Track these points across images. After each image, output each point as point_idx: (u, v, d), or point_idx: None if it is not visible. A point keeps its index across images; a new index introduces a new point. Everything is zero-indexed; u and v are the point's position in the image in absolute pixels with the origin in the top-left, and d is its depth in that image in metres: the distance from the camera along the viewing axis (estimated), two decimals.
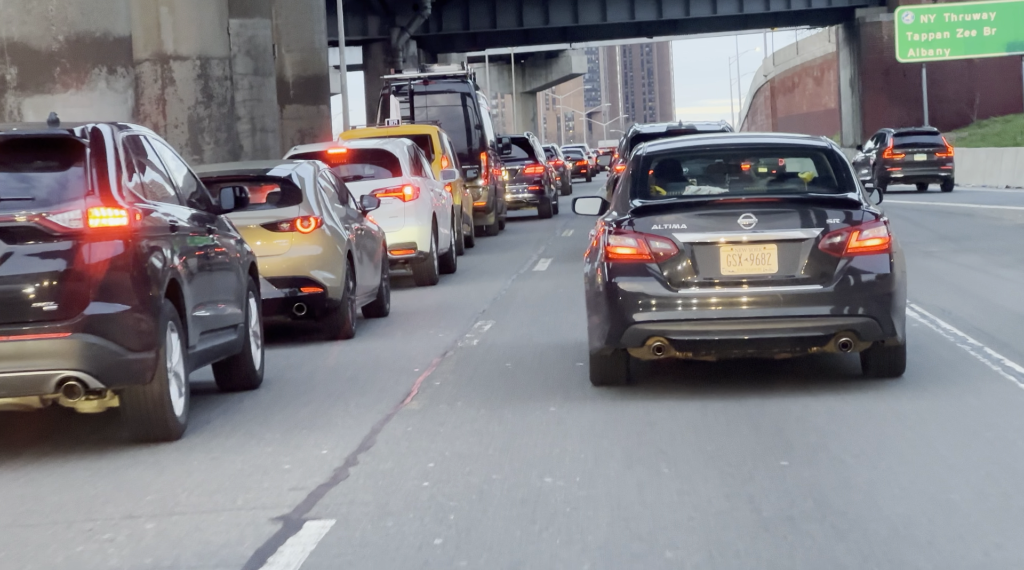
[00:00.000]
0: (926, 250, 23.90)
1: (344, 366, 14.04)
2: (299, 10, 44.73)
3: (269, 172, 17.96)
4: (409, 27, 67.07)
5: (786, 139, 15.24)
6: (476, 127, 37.22)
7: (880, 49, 75.59)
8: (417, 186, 23.16)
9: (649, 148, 12.70)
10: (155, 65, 32.56)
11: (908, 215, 34.59)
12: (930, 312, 15.51)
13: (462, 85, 38.00)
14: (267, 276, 15.19)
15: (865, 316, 10.96)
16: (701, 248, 11.08)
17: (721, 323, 11.13)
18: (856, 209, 11.32)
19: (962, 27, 73.29)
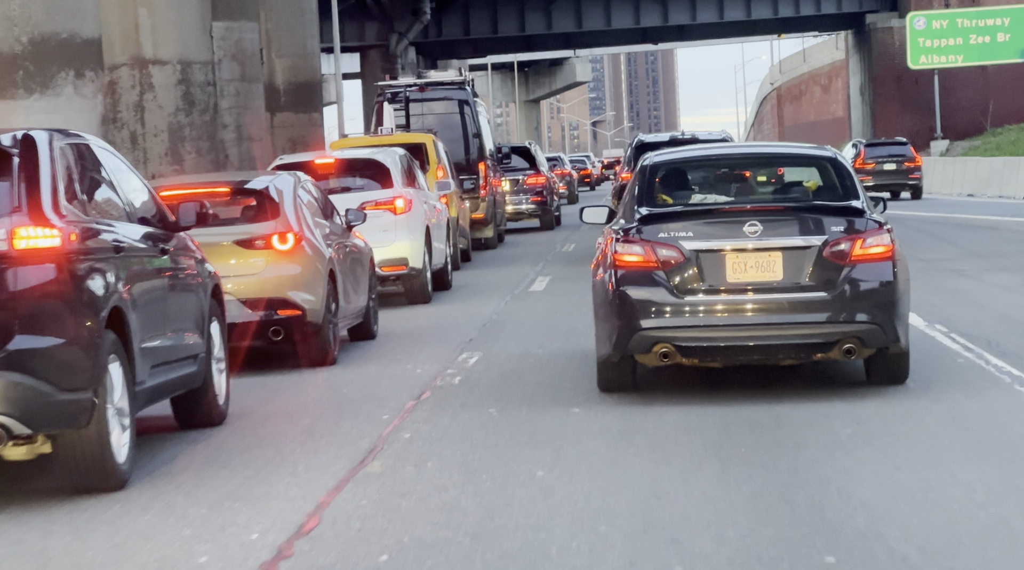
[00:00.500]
0: (955, 268, 22.07)
1: (310, 406, 12.35)
2: (290, 14, 42.93)
3: (245, 184, 16.29)
4: (408, 33, 65.27)
5: (791, 149, 15.21)
6: (474, 136, 35.63)
7: (891, 55, 73.73)
8: (409, 198, 21.65)
9: (655, 157, 12.62)
10: (133, 70, 30.79)
11: (929, 229, 32.78)
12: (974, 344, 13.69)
13: (459, 92, 36.38)
14: (241, 297, 14.07)
15: (869, 323, 10.97)
16: (707, 256, 11.11)
17: (727, 330, 11.11)
18: (860, 217, 11.34)
19: (975, 33, 71.66)
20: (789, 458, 9.10)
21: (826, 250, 11.02)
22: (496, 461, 9.36)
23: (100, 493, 8.83)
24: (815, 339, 11.03)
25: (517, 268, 27.36)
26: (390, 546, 7.28)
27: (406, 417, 11.22)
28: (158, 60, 30.83)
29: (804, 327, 11.00)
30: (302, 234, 14.70)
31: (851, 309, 10.97)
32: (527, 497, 8.28)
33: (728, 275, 11.08)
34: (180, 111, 31.36)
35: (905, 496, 7.98)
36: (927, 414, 10.44)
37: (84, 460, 8.69)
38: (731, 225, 11.23)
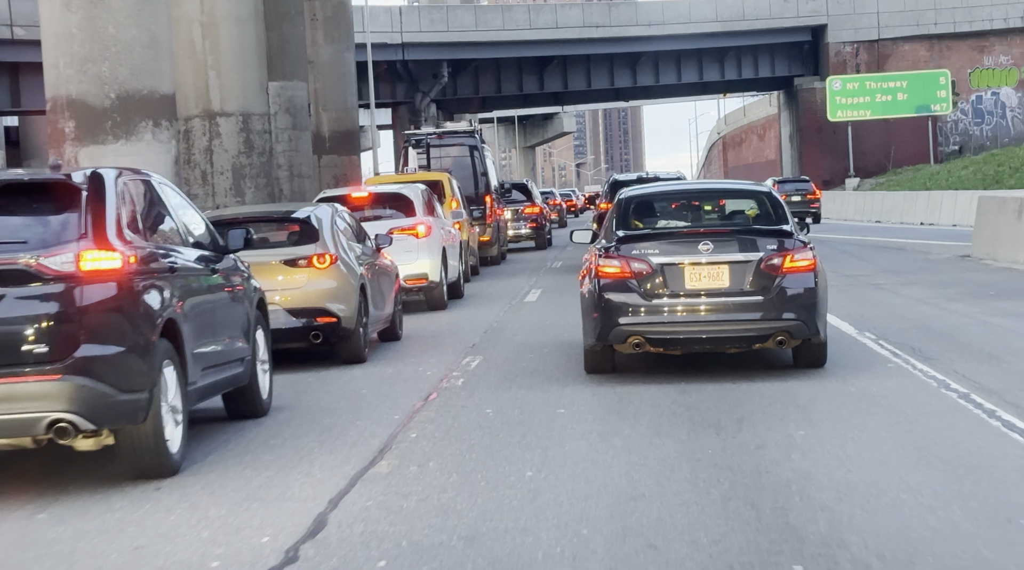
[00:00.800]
0: (874, 282, 20.89)
1: (333, 405, 11.13)
2: (334, 77, 41.87)
3: (291, 214, 15.48)
4: (430, 92, 64.19)
5: (734, 185, 14.95)
6: (482, 174, 34.68)
7: (814, 110, 72.57)
8: (429, 225, 21.00)
9: (629, 192, 12.77)
10: (204, 120, 29.78)
11: (849, 249, 31.59)
12: (900, 350, 12.56)
13: (470, 139, 35.54)
14: (287, 307, 13.61)
15: (796, 320, 11.10)
16: (670, 268, 11.24)
17: (685, 325, 11.24)
18: (789, 238, 11.47)
19: (880, 93, 70.73)
20: (752, 460, 7.96)
21: (763, 264, 11.17)
22: (490, 462, 8.23)
23: (153, 479, 8.19)
24: (754, 333, 11.19)
25: (515, 281, 26.32)
26: (388, 551, 6.19)
27: (415, 417, 10.10)
28: (224, 113, 29.85)
29: (746, 324, 11.16)
30: (337, 255, 14.07)
31: (782, 309, 11.09)
32: (516, 499, 7.16)
33: (686, 283, 11.22)
34: (241, 154, 30.34)
35: (860, 501, 6.84)
36: (871, 417, 9.32)
37: (141, 451, 8.15)
38: (688, 244, 11.34)
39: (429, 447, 8.82)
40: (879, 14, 72.64)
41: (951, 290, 18.84)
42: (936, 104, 70.82)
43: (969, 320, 15.02)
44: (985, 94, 74.59)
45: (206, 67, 29.58)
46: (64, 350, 7.63)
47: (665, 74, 71.31)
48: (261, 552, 6.24)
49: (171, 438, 8.32)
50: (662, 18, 68.65)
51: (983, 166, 60.95)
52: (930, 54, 73.39)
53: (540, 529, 6.47)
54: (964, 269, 23.12)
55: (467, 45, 64.11)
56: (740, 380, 11.23)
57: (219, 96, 29.65)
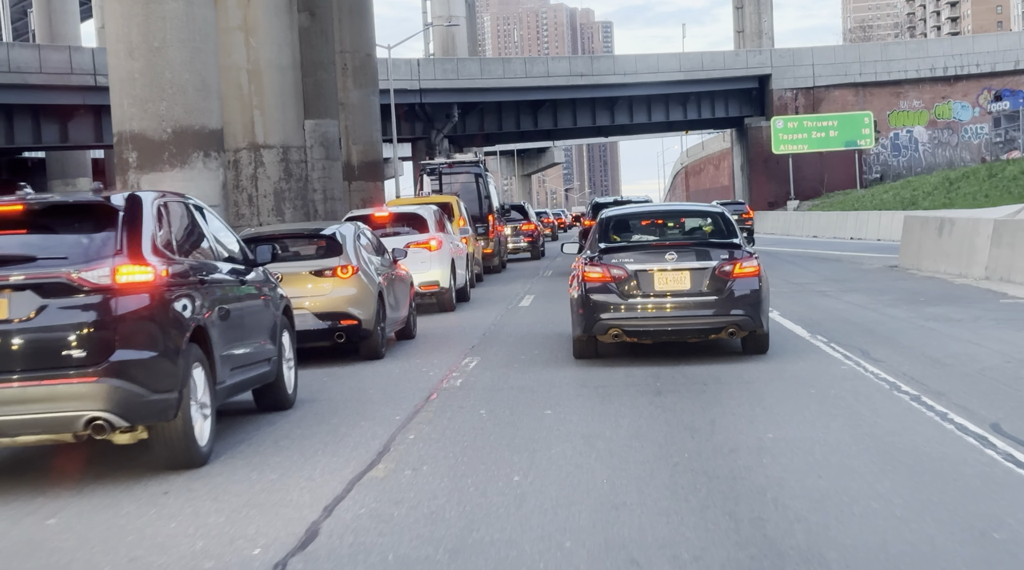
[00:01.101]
0: (819, 290, 19.75)
1: (342, 405, 9.99)
2: (362, 115, 40.77)
3: (320, 231, 14.52)
4: (443, 129, 63.01)
5: (694, 206, 14.86)
6: (485, 197, 33.79)
7: (761, 145, 71.34)
8: (440, 240, 20.30)
9: (609, 213, 12.83)
10: (250, 152, 28.69)
11: (793, 260, 30.43)
12: (851, 353, 11.45)
13: (475, 168, 34.72)
14: (315, 312, 12.93)
15: (744, 316, 11.17)
16: (642, 273, 11.31)
17: (655, 320, 11.27)
18: (738, 249, 11.55)
19: (815, 130, 69.52)
20: (727, 465, 6.87)
21: (717, 270, 11.25)
22: (480, 465, 7.12)
23: (188, 469, 7.51)
24: (710, 326, 11.24)
25: (513, 287, 25.28)
26: (375, 565, 5.10)
27: (415, 418, 8.97)
28: (267, 145, 28.76)
29: (703, 318, 11.21)
30: (358, 266, 13.33)
31: (732, 307, 11.16)
32: (503, 507, 6.06)
33: (655, 286, 11.29)
34: (281, 180, 29.25)
35: (834, 510, 5.74)
36: (833, 420, 8.20)
37: (172, 444, 7.48)
38: (657, 254, 11.42)
39: (425, 450, 7.70)
40: (814, 66, 71.49)
41: (887, 296, 17.73)
42: (861, 140, 69.64)
43: (907, 324, 13.89)
44: (901, 132, 73.39)
45: (251, 107, 28.53)
46: (101, 355, 6.96)
47: (638, 114, 70.10)
48: (250, 566, 5.15)
49: (200, 433, 7.62)
50: (635, 69, 67.49)
51: (901, 191, 59.79)
52: (856, 98, 72.21)
53: (524, 541, 5.39)
54: (894, 278, 21.99)
55: (474, 90, 62.95)
56: (710, 381, 10.13)
57: (263, 131, 28.61)
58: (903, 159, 73.45)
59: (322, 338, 12.95)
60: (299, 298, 12.53)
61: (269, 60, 28.79)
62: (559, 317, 16.06)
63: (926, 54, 72.64)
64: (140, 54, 22.20)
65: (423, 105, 61.46)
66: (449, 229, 22.69)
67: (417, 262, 18.87)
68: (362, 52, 40.81)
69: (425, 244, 19.91)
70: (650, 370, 10.91)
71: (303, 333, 12.09)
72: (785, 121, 69.43)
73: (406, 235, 20.40)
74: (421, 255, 19.42)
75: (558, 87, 65.68)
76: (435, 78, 60.96)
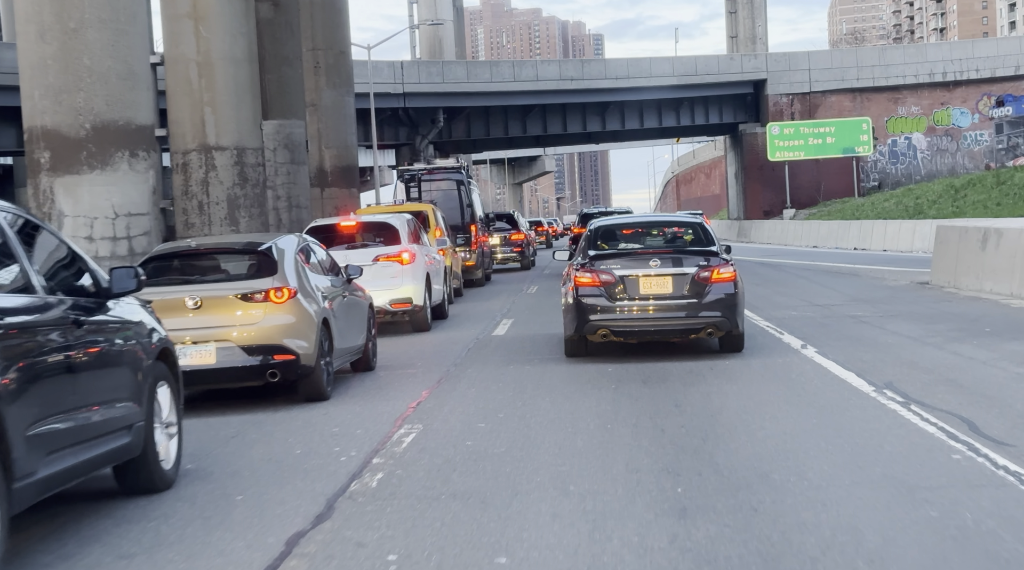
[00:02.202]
0: (852, 314, 16.19)
1: (249, 478, 6.86)
2: (336, 117, 37.21)
3: (253, 245, 11.21)
4: (428, 135, 59.41)
5: (675, 217, 14.83)
6: (467, 206, 30.36)
7: (756, 152, 67.90)
8: (413, 252, 17.63)
9: (598, 223, 13.23)
10: (200, 154, 25.07)
11: (805, 275, 26.89)
12: (958, 430, 7.85)
13: (457, 174, 31.36)
14: (241, 344, 10.20)
15: (720, 317, 11.61)
16: (628, 279, 11.75)
17: (639, 321, 11.70)
18: (716, 257, 11.94)
19: (812, 137, 66.14)
20: None
21: (696, 275, 11.67)
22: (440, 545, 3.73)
23: None
24: (690, 326, 11.66)
25: (494, 302, 22.25)
26: None
27: (365, 476, 6.19)
28: (219, 146, 25.16)
29: (684, 320, 11.62)
30: (296, 289, 10.48)
31: (710, 309, 11.57)
32: None
33: (640, 290, 11.70)
34: (236, 185, 25.63)
35: None
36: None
37: None
38: (642, 260, 11.81)
39: (372, 513, 5.26)
40: (810, 70, 68.12)
41: (941, 325, 14.15)
42: (859, 146, 66.25)
43: (997, 372, 10.26)
44: (899, 138, 70.03)
45: (202, 103, 24.90)
46: None
47: (630, 120, 66.57)
48: None
49: None
50: (627, 73, 63.98)
51: (903, 199, 56.34)
52: (853, 104, 68.84)
53: None
54: (934, 299, 18.42)
55: (460, 95, 59.38)
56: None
57: (215, 131, 24.98)
58: (901, 166, 70.09)
59: (251, 376, 10.18)
60: (223, 328, 10.06)
61: (222, 51, 25.16)
62: (539, 345, 13.20)
63: (924, 59, 69.31)
64: (53, 36, 18.57)
65: (407, 110, 57.87)
66: (425, 240, 19.70)
67: (387, 277, 16.78)
68: (335, 49, 37.27)
69: (396, 257, 17.35)
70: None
71: (227, 371, 9.96)
72: (781, 127, 66.02)
73: (375, 247, 17.72)
74: (392, 269, 17.07)
75: (547, 92, 62.16)
76: (420, 81, 57.37)
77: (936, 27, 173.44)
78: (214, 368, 9.91)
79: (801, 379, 10.09)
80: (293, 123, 31.09)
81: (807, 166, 67.62)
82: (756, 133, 67.80)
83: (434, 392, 10.48)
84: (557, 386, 10.18)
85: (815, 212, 64.30)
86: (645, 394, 9.42)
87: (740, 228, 67.48)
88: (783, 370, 10.72)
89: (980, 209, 43.97)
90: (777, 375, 10.43)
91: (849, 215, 56.89)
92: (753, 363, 11.33)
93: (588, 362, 11.72)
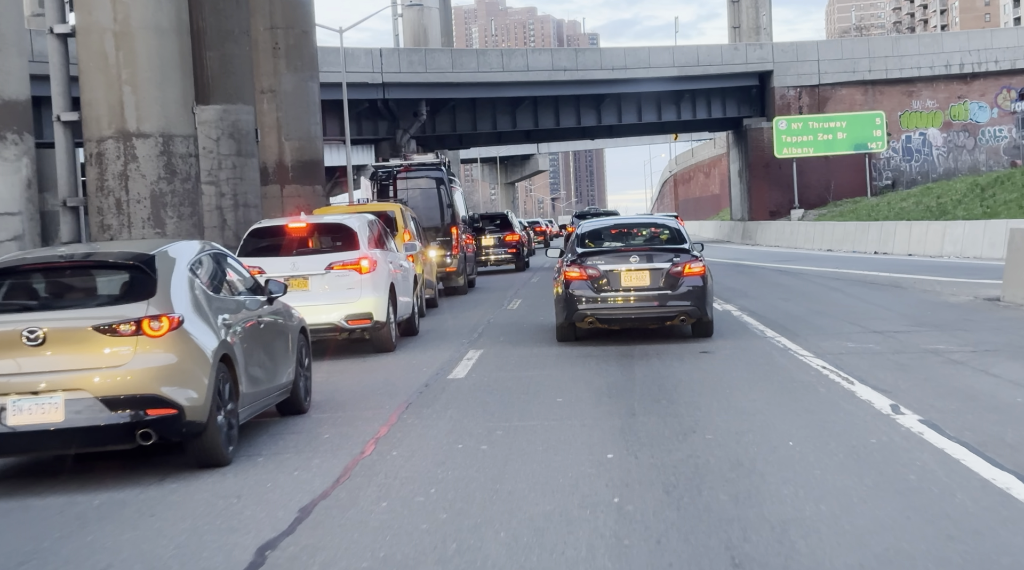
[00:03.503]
0: (931, 348, 12.15)
1: None
2: (297, 104, 33.10)
3: (130, 257, 8.28)
4: (409, 129, 55.34)
5: (653, 219, 15.91)
6: (447, 206, 27.53)
7: (762, 148, 63.92)
8: (374, 259, 14.94)
9: (585, 225, 15.09)
10: (118, 142, 20.94)
11: (835, 285, 22.92)
12: None
13: (436, 171, 28.28)
14: (101, 395, 7.29)
15: (691, 306, 13.29)
16: (611, 273, 13.38)
17: (621, 310, 13.34)
18: (688, 253, 13.62)
19: (822, 132, 62.27)
20: None
21: (671, 270, 13.33)
22: None
23: None
24: (666, 314, 13.34)
25: (474, 314, 19.62)
26: None
27: None
28: (141, 133, 21.00)
29: (659, 308, 13.28)
30: (181, 317, 7.72)
31: (683, 299, 13.27)
32: None
33: (622, 282, 13.34)
34: (162, 180, 21.46)
35: None
36: None
37: None
38: (624, 257, 13.51)
39: None
40: (819, 61, 64.19)
41: None
42: (872, 142, 62.35)
43: None
44: (914, 134, 66.12)
45: (120, 82, 20.77)
46: None
47: (627, 114, 62.52)
48: None
49: None
50: (624, 63, 59.96)
51: (923, 198, 52.41)
52: (865, 98, 64.94)
53: None
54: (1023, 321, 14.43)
55: (444, 86, 55.29)
56: None
57: (135, 114, 20.84)
58: (916, 164, 66.19)
59: (115, 439, 7.48)
60: (75, 373, 7.37)
61: (144, 19, 21.08)
62: (519, 397, 9.72)
63: (940, 49, 65.38)
64: None
65: (387, 101, 53.77)
66: (391, 245, 16.97)
67: (343, 289, 14.34)
68: (297, 28, 33.19)
69: (354, 265, 14.63)
70: None
71: (80, 432, 7.30)
72: (789, 122, 62.09)
73: (329, 253, 15.00)
74: (348, 279, 14.43)
75: (539, 83, 58.13)
76: (400, 70, 53.26)
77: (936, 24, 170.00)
78: (61, 429, 7.28)
79: (922, 485, 6.06)
80: (240, 109, 27.05)
81: (816, 163, 63.77)
82: (762, 128, 63.86)
83: (371, 457, 6.85)
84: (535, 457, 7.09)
85: (825, 213, 60.42)
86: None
87: (744, 230, 63.50)
88: (884, 455, 6.77)
89: (1014, 209, 40.04)
90: (880, 470, 6.44)
91: (864, 216, 53.01)
92: (831, 445, 7.32)
93: None
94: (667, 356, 11.88)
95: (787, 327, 14.48)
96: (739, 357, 11.69)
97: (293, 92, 32.83)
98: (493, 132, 60.60)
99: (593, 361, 11.85)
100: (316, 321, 13.49)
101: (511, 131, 61.09)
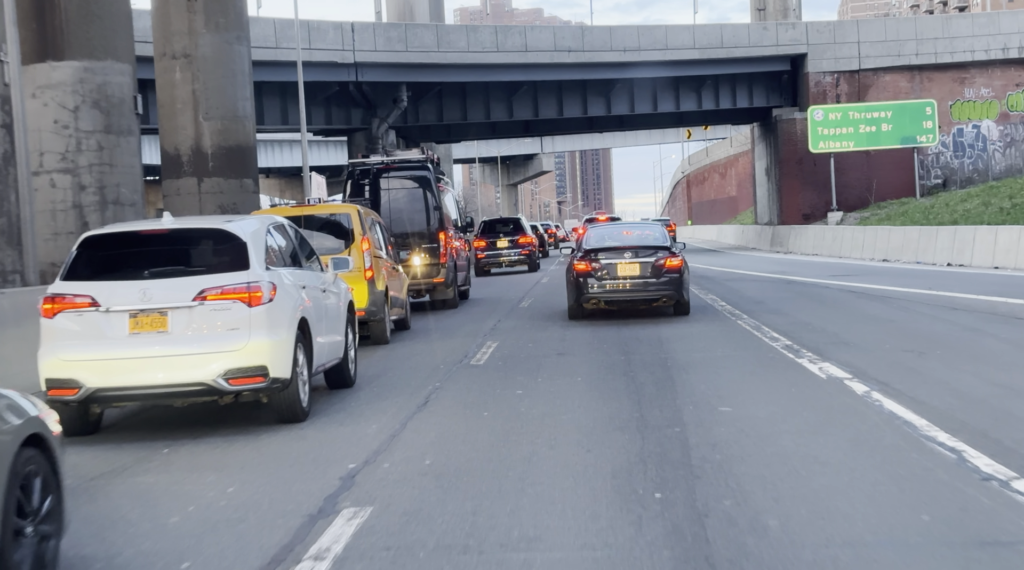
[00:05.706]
0: None
1: None
2: (220, 75, 25.79)
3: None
4: (388, 118, 48.05)
5: (641, 224, 19.98)
6: (435, 208, 23.90)
7: (794, 142, 56.54)
8: (272, 285, 9.63)
9: (591, 229, 19.15)
10: None
11: (955, 319, 15.60)
12: None
13: (422, 169, 24.24)
14: None
15: (671, 290, 17.27)
16: (611, 265, 17.36)
17: (619, 293, 17.35)
18: (668, 250, 17.50)
19: (864, 123, 54.86)
20: None
21: (656, 262, 17.24)
22: None
23: None
24: (651, 296, 17.33)
25: (452, 342, 15.85)
26: None
27: None
28: None
29: (646, 292, 17.26)
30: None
31: (665, 286, 17.23)
32: None
33: (619, 273, 17.30)
34: None
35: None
36: None
37: None
38: (620, 253, 17.48)
39: None
40: (860, 43, 56.83)
41: None
42: (922, 135, 54.97)
43: None
44: (966, 127, 58.72)
45: None
46: None
47: (640, 103, 55.18)
48: None
49: None
50: (638, 44, 52.64)
51: (990, 198, 45.01)
52: (911, 85, 57.59)
53: None
54: None
55: (429, 67, 47.98)
56: None
57: None
58: (968, 160, 58.79)
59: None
60: None
61: None
62: None
63: (997, 30, 57.96)
64: None
65: (360, 84, 46.45)
66: (315, 262, 11.97)
67: (222, 329, 9.42)
68: None
69: (239, 293, 9.57)
70: None
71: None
72: (826, 111, 54.73)
73: (201, 274, 9.76)
74: (230, 314, 9.49)
75: (539, 66, 50.86)
76: (376, 49, 45.96)
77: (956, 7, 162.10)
78: None
79: None
80: (111, 67, 19.85)
81: (855, 160, 56.45)
82: (794, 119, 56.51)
83: None
84: None
85: (868, 216, 53.01)
86: None
87: (774, 235, 56.12)
88: None
89: None
90: None
91: (919, 220, 45.63)
92: None
93: None
94: None
95: (989, 432, 7.22)
96: None
97: (214, 58, 25.56)
98: (486, 122, 53.27)
99: None
100: (177, 380, 9.25)
101: (507, 121, 53.77)
